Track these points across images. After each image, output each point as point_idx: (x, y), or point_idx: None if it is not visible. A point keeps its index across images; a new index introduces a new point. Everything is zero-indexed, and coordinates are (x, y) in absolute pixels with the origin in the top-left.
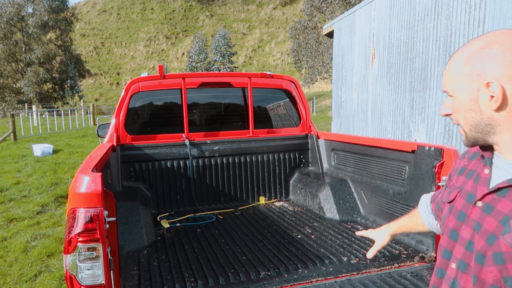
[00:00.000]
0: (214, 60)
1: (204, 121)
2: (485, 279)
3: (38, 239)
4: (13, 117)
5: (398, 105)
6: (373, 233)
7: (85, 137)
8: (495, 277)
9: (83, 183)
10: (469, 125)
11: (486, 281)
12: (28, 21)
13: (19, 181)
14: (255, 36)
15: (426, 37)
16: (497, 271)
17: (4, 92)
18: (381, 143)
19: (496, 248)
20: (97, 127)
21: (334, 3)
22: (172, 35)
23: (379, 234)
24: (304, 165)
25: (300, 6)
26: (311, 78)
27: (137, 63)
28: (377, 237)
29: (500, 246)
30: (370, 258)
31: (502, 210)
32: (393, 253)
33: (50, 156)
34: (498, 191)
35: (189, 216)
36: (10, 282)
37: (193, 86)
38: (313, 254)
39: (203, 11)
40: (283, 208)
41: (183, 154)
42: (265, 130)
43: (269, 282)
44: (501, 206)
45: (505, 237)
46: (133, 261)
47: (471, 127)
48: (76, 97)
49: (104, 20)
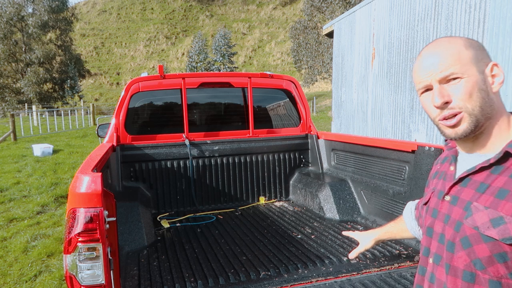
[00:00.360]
0: (214, 60)
1: (204, 121)
2: (457, 266)
3: (38, 239)
4: (13, 117)
5: (398, 105)
6: (358, 235)
7: (85, 137)
8: (465, 261)
9: (83, 183)
10: (479, 106)
11: (458, 268)
12: (28, 21)
13: (19, 181)
14: (255, 36)
15: (426, 37)
16: (466, 256)
17: (4, 92)
18: (381, 143)
19: (462, 233)
20: (97, 127)
21: (334, 3)
22: (172, 35)
23: (364, 237)
24: (304, 165)
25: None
26: (311, 78)
27: (137, 63)
28: (362, 239)
29: (465, 230)
30: (371, 259)
31: (465, 198)
32: (393, 253)
33: (50, 156)
34: (461, 181)
35: (189, 216)
36: (10, 282)
37: (193, 86)
38: (313, 254)
39: (203, 11)
40: (283, 208)
41: (183, 154)
42: (265, 130)
43: (269, 282)
44: (464, 195)
45: (467, 221)
46: (133, 261)
47: (481, 108)
48: (76, 97)
49: (104, 20)
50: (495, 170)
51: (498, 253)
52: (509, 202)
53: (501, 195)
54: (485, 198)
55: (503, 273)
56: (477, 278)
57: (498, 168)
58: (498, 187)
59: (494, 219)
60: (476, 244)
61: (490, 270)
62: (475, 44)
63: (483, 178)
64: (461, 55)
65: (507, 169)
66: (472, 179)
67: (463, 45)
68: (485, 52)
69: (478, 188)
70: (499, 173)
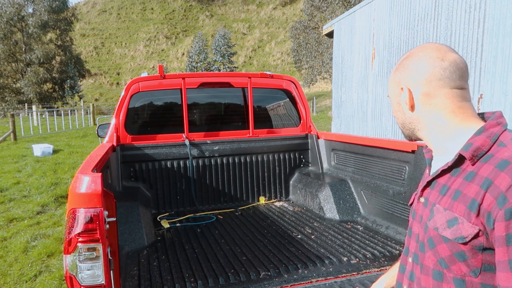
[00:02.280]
0: (214, 60)
1: (204, 121)
2: (428, 265)
3: (38, 239)
4: (13, 117)
5: None
6: None
7: (85, 137)
8: (432, 261)
9: (83, 183)
10: (400, 123)
11: (429, 267)
12: (28, 21)
13: (19, 181)
14: (255, 36)
15: (426, 37)
16: (433, 255)
17: (4, 92)
18: (381, 143)
19: (428, 234)
20: (97, 127)
21: (334, 3)
22: (172, 35)
23: None
24: (304, 165)
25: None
26: (311, 78)
27: (137, 63)
28: None
29: (429, 231)
30: (371, 259)
31: (431, 200)
32: (393, 253)
33: (50, 156)
34: (429, 185)
35: (189, 216)
36: (10, 282)
37: (193, 86)
38: (313, 254)
39: (203, 11)
40: (283, 208)
41: (183, 154)
42: (265, 130)
43: (269, 282)
44: (432, 197)
45: (430, 222)
46: (133, 261)
47: (402, 125)
48: (76, 97)
49: (104, 20)
50: (454, 172)
51: (457, 252)
52: (461, 204)
53: (455, 196)
54: (445, 200)
55: (465, 271)
56: (444, 276)
57: (456, 171)
58: (455, 188)
59: (450, 220)
60: (438, 244)
61: (453, 268)
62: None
63: (445, 180)
64: (390, 80)
65: (463, 171)
66: (437, 181)
67: (394, 69)
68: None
69: (441, 190)
70: (457, 175)
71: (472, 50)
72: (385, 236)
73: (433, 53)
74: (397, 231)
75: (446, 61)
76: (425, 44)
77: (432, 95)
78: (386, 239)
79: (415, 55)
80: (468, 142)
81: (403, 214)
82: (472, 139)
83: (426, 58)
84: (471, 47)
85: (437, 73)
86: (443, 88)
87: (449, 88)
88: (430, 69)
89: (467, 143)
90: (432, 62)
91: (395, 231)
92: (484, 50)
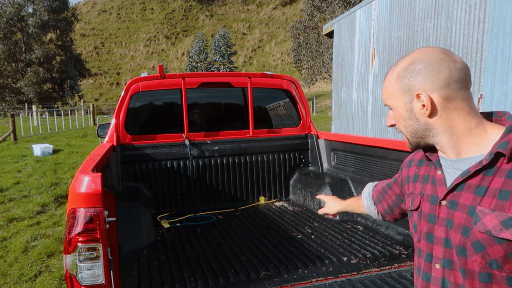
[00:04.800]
0: (214, 60)
1: (204, 121)
2: (473, 269)
3: (38, 239)
4: (13, 117)
5: None
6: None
7: (85, 137)
8: (480, 264)
9: (83, 183)
10: (409, 132)
11: (474, 270)
12: (28, 21)
13: (19, 181)
14: (255, 36)
15: (426, 37)
16: (481, 258)
17: (4, 92)
18: (381, 143)
19: (473, 237)
20: (97, 127)
21: (334, 3)
22: (172, 35)
23: (332, 205)
24: (304, 165)
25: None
26: (311, 78)
27: (137, 63)
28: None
29: (476, 235)
30: (371, 259)
31: (465, 202)
32: (393, 253)
33: (50, 156)
34: (456, 187)
35: (189, 216)
36: (10, 282)
37: (193, 86)
38: (313, 254)
39: (203, 11)
40: (283, 208)
41: (183, 154)
42: (265, 130)
43: (269, 282)
44: (463, 199)
45: (477, 226)
46: (133, 261)
47: (412, 133)
48: (76, 97)
49: (104, 20)
50: (488, 172)
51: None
52: None
53: (504, 196)
54: (487, 201)
55: None
56: (494, 277)
57: (490, 170)
58: (497, 188)
59: (504, 220)
60: (490, 246)
61: (506, 267)
62: (414, 70)
63: (478, 181)
64: (391, 89)
65: (500, 170)
66: (467, 183)
67: (395, 77)
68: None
69: (476, 191)
70: (493, 174)
71: (472, 50)
72: (385, 236)
73: (442, 55)
74: (397, 231)
75: (458, 62)
76: (425, 48)
77: (451, 98)
78: (386, 239)
79: (422, 59)
80: (502, 140)
81: None
82: (506, 138)
83: (438, 61)
84: (471, 47)
85: (454, 75)
86: (461, 90)
87: (465, 90)
88: (447, 71)
89: (503, 142)
90: (447, 64)
91: (395, 231)
92: (484, 50)
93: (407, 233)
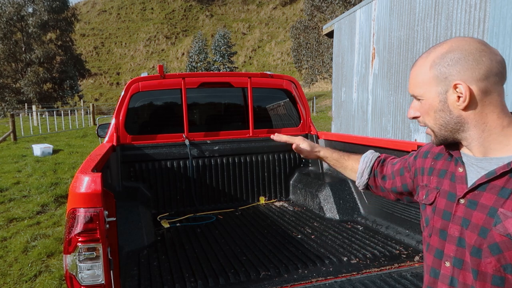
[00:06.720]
0: (214, 60)
1: (204, 121)
2: (485, 271)
3: (38, 239)
4: (13, 117)
5: (398, 105)
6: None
7: (85, 137)
8: (494, 267)
9: (83, 183)
10: (439, 125)
11: (487, 272)
12: (28, 21)
13: (19, 181)
14: (255, 36)
15: (426, 37)
16: (496, 261)
17: (4, 92)
18: (381, 143)
19: (491, 239)
20: (97, 127)
21: (334, 3)
22: (172, 35)
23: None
24: (304, 165)
25: (300, 6)
26: (311, 78)
27: (137, 63)
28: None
29: (494, 237)
30: (371, 259)
31: (486, 203)
32: (393, 253)
33: (50, 156)
34: (478, 187)
35: (189, 216)
36: (10, 282)
37: (193, 86)
38: (313, 254)
39: (203, 11)
40: (283, 208)
41: (183, 154)
42: (265, 130)
43: (269, 282)
44: (484, 200)
45: (497, 228)
46: (133, 261)
47: (441, 127)
48: (76, 97)
49: (104, 20)
50: None
51: None
52: None
53: None
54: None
55: None
56: (506, 281)
57: None
58: None
59: None
60: (508, 250)
61: None
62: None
63: (503, 182)
64: (423, 77)
65: None
66: (491, 183)
67: (430, 64)
68: (458, 67)
69: (500, 193)
70: None
71: None
72: (385, 236)
73: (482, 46)
74: (397, 231)
75: (498, 55)
76: (462, 38)
77: (488, 92)
78: (386, 239)
79: (462, 47)
80: None
81: (403, 214)
82: None
83: (479, 51)
84: None
85: (494, 67)
86: (498, 84)
87: (501, 85)
88: (488, 63)
89: None
90: (488, 55)
91: (395, 231)
92: None
93: (407, 233)
